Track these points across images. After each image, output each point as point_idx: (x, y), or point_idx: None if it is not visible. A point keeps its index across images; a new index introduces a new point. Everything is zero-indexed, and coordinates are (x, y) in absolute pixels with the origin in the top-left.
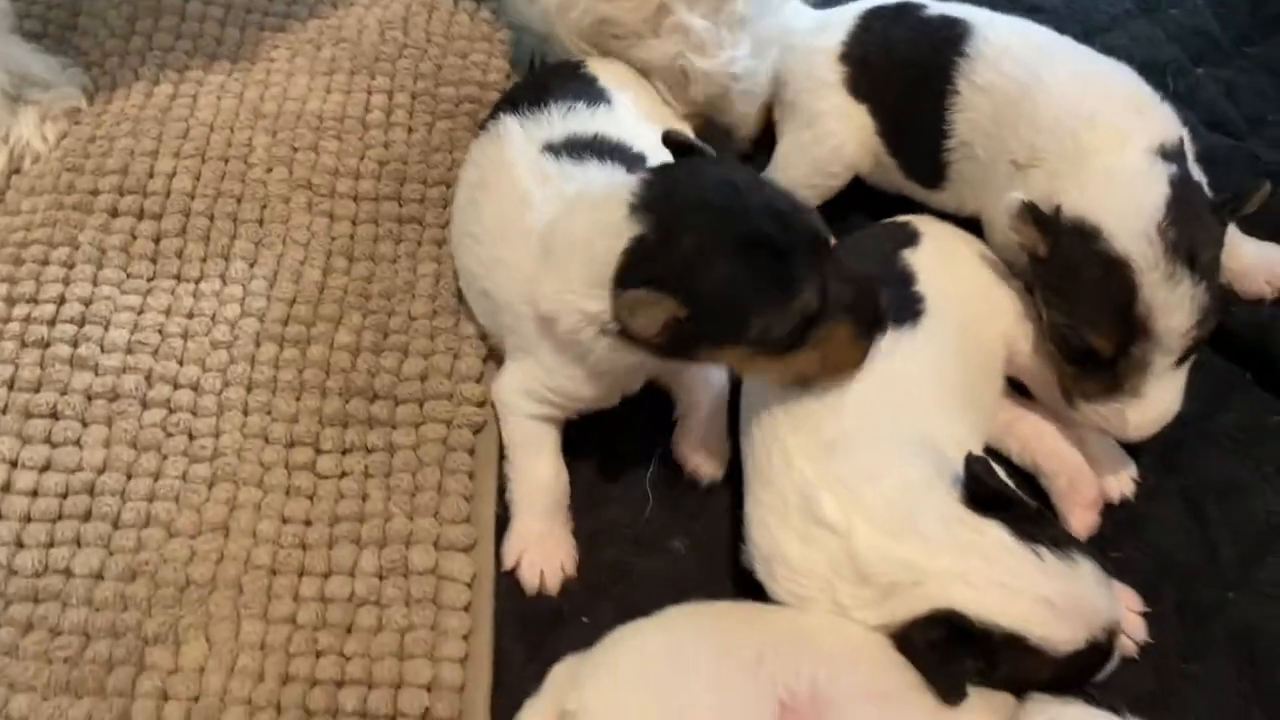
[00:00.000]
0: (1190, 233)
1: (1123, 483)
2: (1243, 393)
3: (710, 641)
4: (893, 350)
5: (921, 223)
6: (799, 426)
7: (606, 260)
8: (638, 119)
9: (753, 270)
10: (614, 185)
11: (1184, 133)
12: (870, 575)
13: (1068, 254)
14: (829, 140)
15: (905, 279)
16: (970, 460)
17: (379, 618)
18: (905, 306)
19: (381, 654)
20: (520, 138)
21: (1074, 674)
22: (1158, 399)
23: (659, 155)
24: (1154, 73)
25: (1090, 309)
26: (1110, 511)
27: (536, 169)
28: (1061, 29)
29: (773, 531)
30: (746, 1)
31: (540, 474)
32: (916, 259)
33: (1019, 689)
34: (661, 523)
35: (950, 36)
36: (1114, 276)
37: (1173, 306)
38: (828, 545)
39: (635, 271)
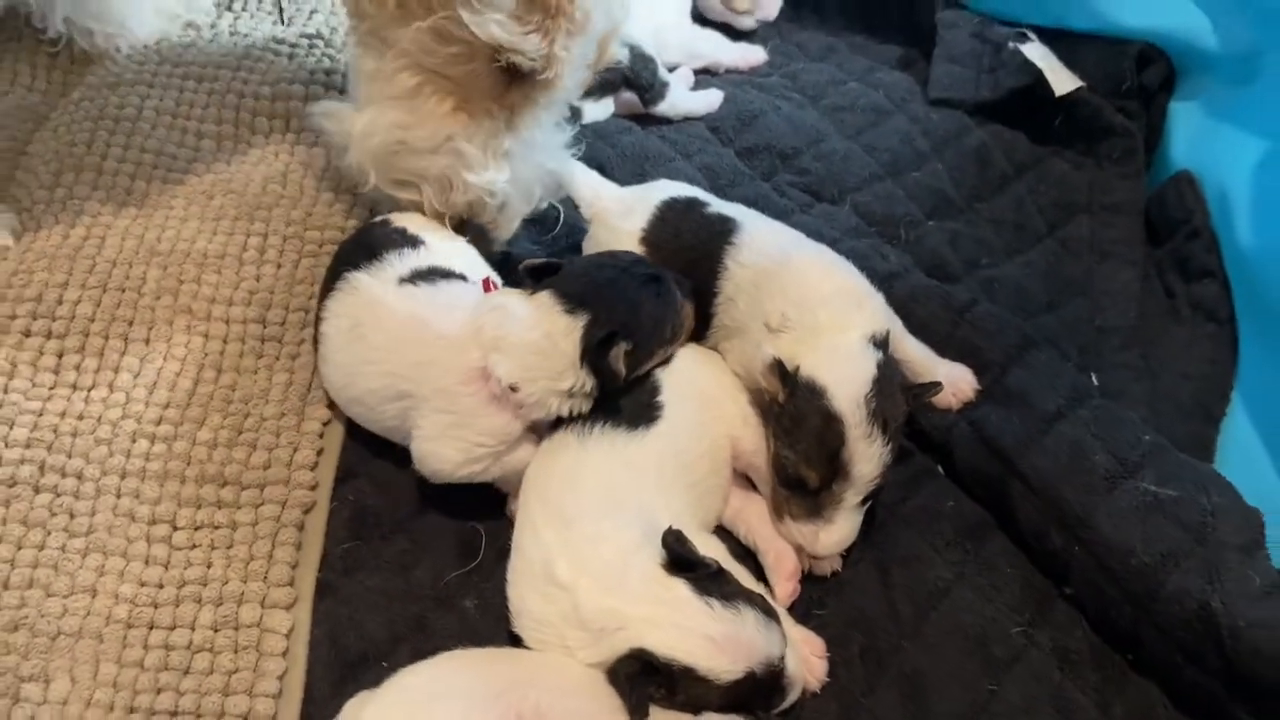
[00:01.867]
0: (886, 405)
1: (832, 562)
2: (930, 480)
3: (465, 676)
4: (627, 445)
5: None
6: (546, 504)
7: (569, 350)
8: (447, 251)
9: (658, 298)
10: (542, 305)
11: (890, 324)
12: (588, 622)
13: (799, 404)
14: None
15: (652, 390)
16: (666, 534)
17: (211, 662)
18: (644, 412)
19: (210, 690)
20: (376, 284)
21: (742, 700)
22: (842, 527)
23: (475, 271)
24: (891, 224)
25: (809, 449)
26: (818, 580)
27: (406, 298)
28: (820, 189)
29: (521, 591)
30: (515, 144)
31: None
32: (664, 374)
33: (697, 710)
34: (458, 585)
35: (723, 230)
36: (830, 428)
37: (867, 458)
38: (560, 600)
39: (597, 342)
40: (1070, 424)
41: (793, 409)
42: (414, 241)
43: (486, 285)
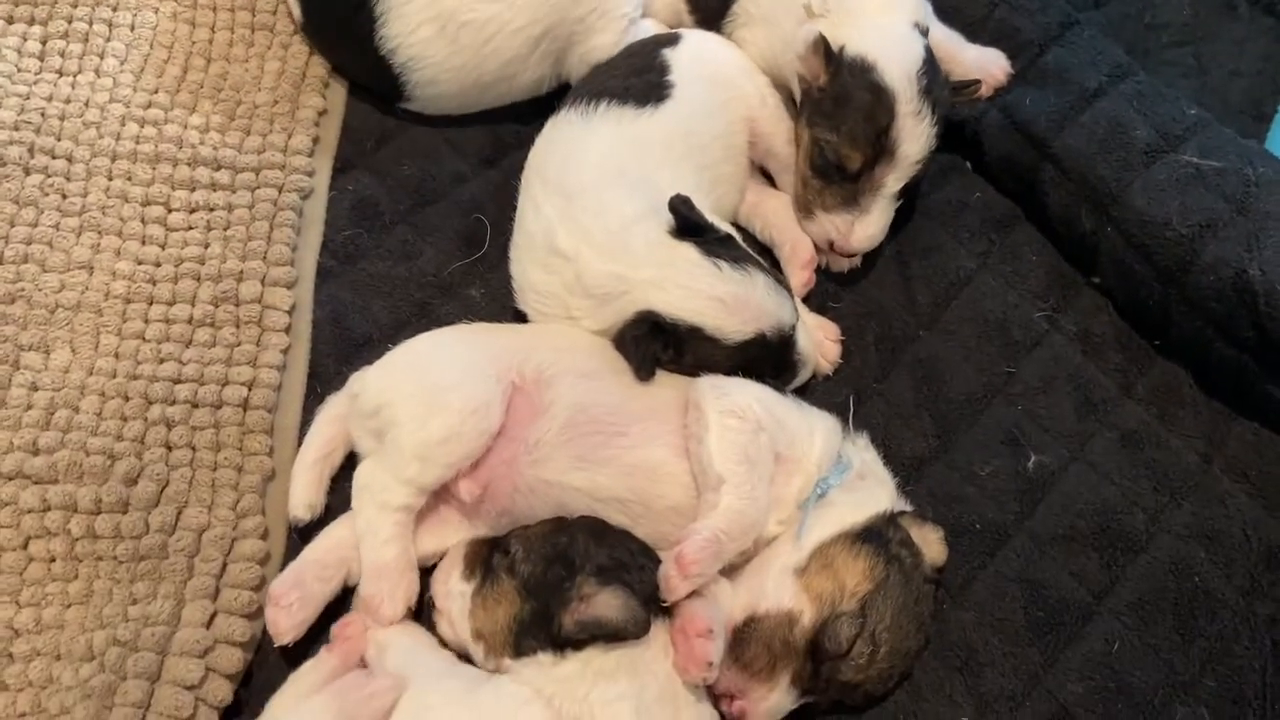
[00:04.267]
0: (934, 87)
1: (852, 260)
2: (957, 174)
3: (467, 343)
4: (634, 121)
5: (687, 32)
6: (547, 182)
7: None
8: None
9: None
10: None
11: (930, 20)
12: (592, 289)
13: (844, 83)
14: None
15: (660, 69)
16: (672, 200)
17: (213, 335)
18: (653, 90)
19: (213, 361)
20: None
21: (750, 364)
22: (878, 219)
23: None
24: None
25: (854, 128)
26: (832, 274)
27: None
28: None
29: (524, 265)
30: None
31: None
32: (674, 55)
33: (704, 372)
34: (462, 274)
35: None
36: (881, 102)
37: (915, 136)
38: (562, 270)
39: None
40: (1111, 100)
41: (837, 88)
42: None
43: None
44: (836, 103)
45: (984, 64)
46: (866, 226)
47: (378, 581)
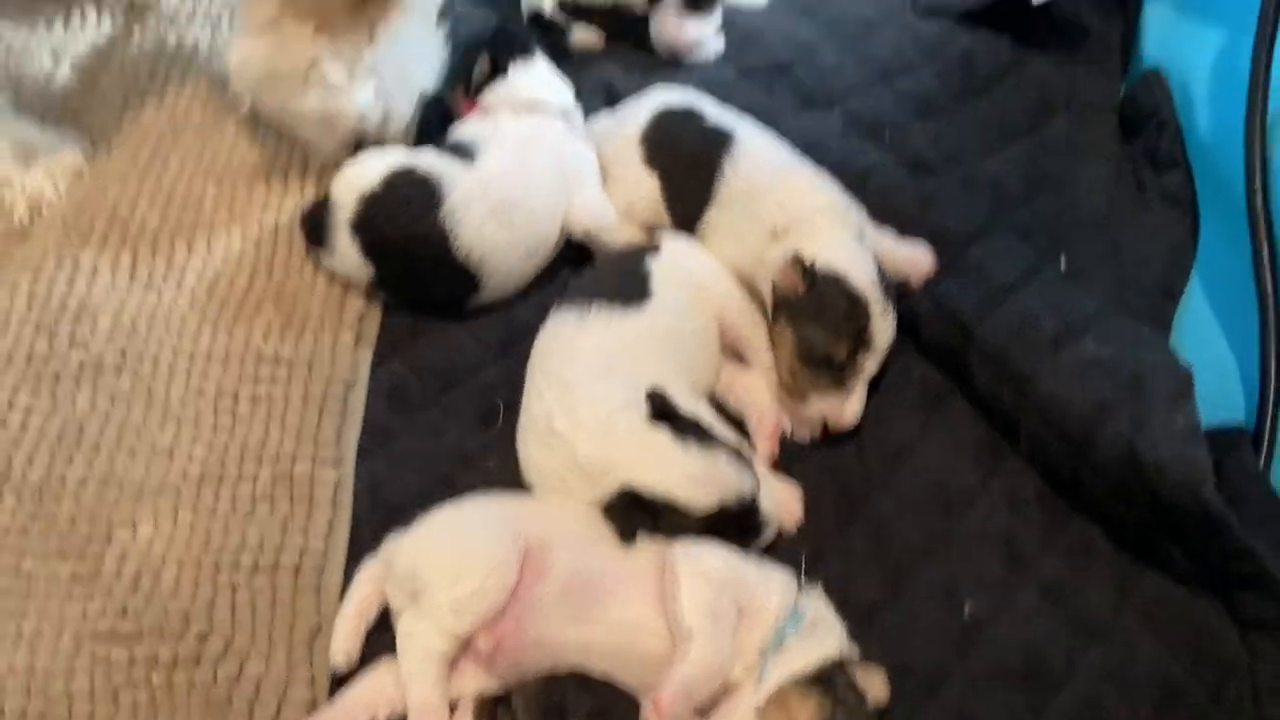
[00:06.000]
0: (889, 287)
1: (813, 429)
2: (901, 354)
3: (485, 512)
4: (622, 321)
5: (668, 239)
6: (549, 374)
7: None
8: None
9: None
10: None
11: (865, 225)
12: (584, 467)
13: (822, 291)
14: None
15: (643, 275)
16: (649, 392)
17: (270, 509)
18: (635, 294)
19: (270, 531)
20: None
21: (718, 530)
22: (860, 398)
23: None
24: (877, 126)
25: (839, 327)
26: (797, 447)
27: None
28: (813, 96)
29: (528, 445)
30: (378, 57)
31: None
32: (655, 262)
33: (679, 537)
34: (480, 448)
35: (720, 141)
36: (857, 306)
37: (884, 329)
38: (560, 450)
39: None
40: (1023, 295)
41: (816, 296)
42: None
43: None
44: (818, 308)
45: (914, 259)
46: (854, 405)
47: (424, 716)
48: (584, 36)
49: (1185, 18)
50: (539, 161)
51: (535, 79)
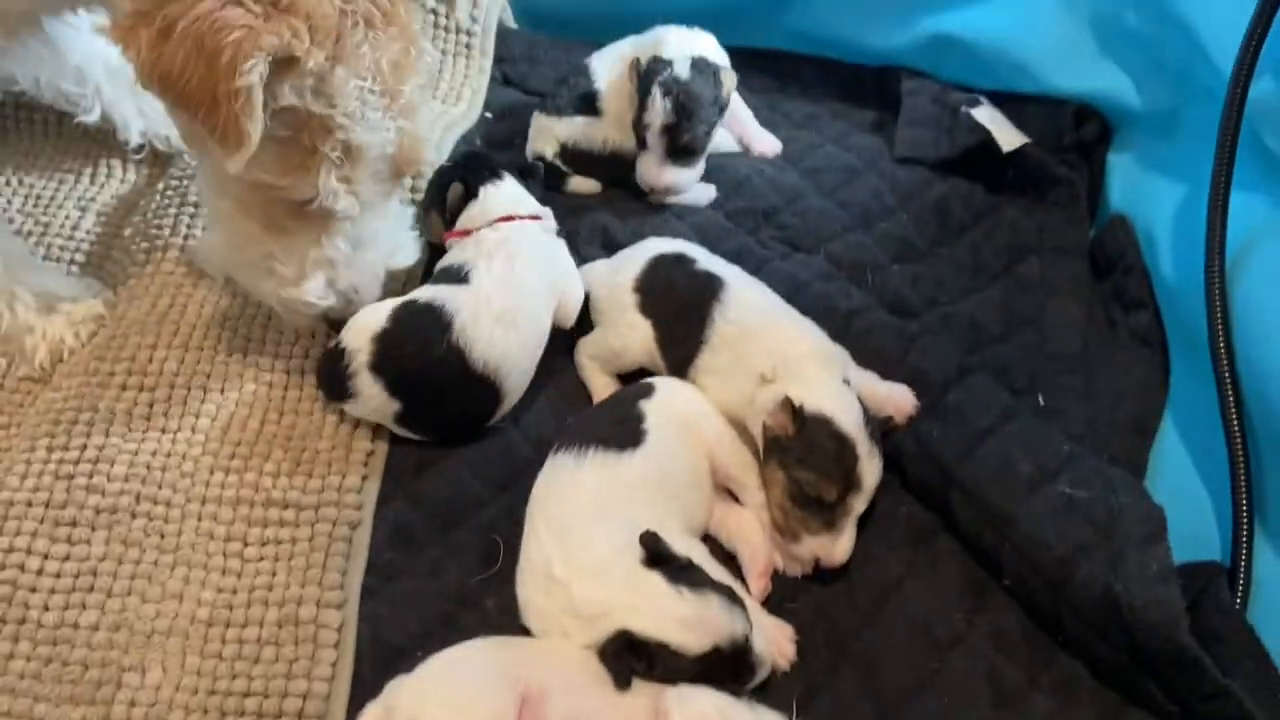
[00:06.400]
0: (875, 429)
1: (805, 565)
2: (888, 491)
3: (484, 658)
4: (616, 464)
5: (660, 381)
6: (549, 519)
7: None
8: None
9: None
10: None
11: (849, 368)
12: (581, 611)
13: (812, 434)
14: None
15: (637, 419)
16: (643, 535)
17: (276, 653)
18: (630, 437)
19: (275, 676)
20: None
21: (711, 672)
22: (850, 536)
23: None
24: (859, 268)
25: (828, 469)
26: (788, 584)
27: None
28: (798, 240)
29: (527, 588)
30: (335, 250)
31: None
32: (648, 405)
33: (673, 681)
34: (480, 588)
35: (711, 287)
36: (844, 448)
37: (872, 470)
38: (557, 594)
39: None
40: (999, 438)
41: (805, 439)
42: None
43: None
44: (808, 450)
45: (895, 399)
46: (845, 543)
47: None
48: (581, 183)
49: (1144, 169)
50: (524, 260)
51: (506, 196)
